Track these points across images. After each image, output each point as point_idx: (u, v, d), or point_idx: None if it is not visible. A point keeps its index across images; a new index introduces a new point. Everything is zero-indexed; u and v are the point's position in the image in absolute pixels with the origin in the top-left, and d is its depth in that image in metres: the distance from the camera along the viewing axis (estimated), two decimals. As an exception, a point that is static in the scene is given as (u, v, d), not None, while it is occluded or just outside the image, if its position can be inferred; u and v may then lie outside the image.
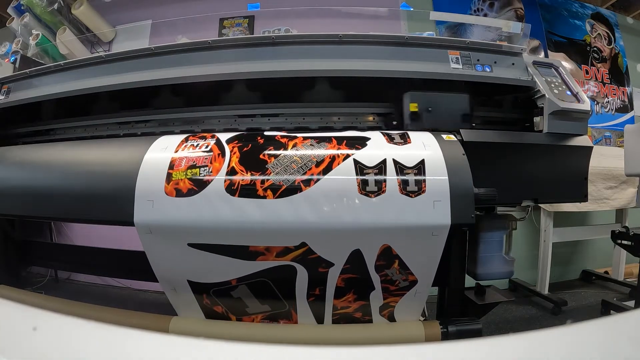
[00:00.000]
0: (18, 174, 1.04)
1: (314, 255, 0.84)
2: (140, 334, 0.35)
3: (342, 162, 0.81)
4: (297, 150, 0.84)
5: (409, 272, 0.88)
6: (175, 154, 0.87)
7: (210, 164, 0.83)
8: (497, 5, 2.80)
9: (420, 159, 0.83)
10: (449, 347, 0.35)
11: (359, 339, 0.96)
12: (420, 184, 0.81)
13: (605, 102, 3.08)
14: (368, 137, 0.90)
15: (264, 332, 0.98)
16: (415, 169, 0.82)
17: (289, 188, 0.79)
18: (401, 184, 0.80)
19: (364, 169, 0.81)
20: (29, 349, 0.34)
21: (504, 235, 1.08)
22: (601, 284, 2.63)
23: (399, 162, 0.82)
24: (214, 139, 0.91)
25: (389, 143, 0.88)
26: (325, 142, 0.86)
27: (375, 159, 0.83)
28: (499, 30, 1.54)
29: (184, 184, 0.81)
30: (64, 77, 1.22)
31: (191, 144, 0.90)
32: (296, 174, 0.79)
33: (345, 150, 0.84)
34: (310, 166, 0.80)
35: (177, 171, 0.82)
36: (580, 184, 1.09)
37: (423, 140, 0.90)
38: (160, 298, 1.45)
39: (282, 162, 0.81)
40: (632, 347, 0.33)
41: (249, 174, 0.80)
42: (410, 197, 0.80)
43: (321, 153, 0.83)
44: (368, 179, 0.80)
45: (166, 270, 0.91)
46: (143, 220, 0.83)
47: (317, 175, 0.80)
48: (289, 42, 1.09)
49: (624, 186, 2.36)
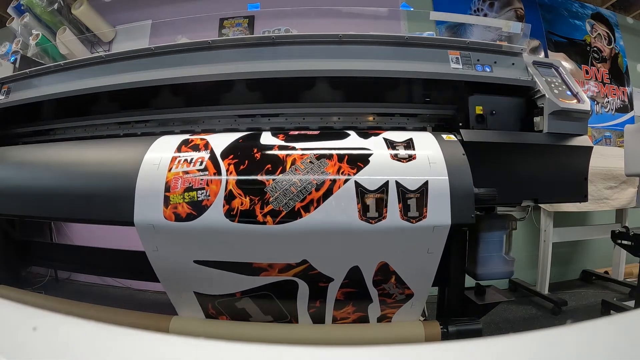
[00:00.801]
0: (18, 174, 1.04)
1: (315, 271, 0.86)
2: (140, 334, 0.35)
3: (343, 186, 0.79)
4: (295, 174, 0.80)
5: (406, 286, 0.91)
6: (170, 172, 0.83)
7: (207, 186, 0.81)
8: (497, 5, 2.80)
9: (423, 181, 0.81)
10: (449, 347, 0.35)
11: (359, 339, 0.96)
12: (422, 209, 0.80)
13: (605, 102, 3.08)
14: (370, 152, 0.85)
15: (264, 332, 0.98)
16: (418, 193, 0.80)
17: (289, 214, 0.78)
18: (402, 209, 0.80)
19: (365, 193, 0.80)
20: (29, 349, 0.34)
21: (504, 235, 1.08)
22: (601, 284, 2.63)
23: (401, 185, 0.80)
24: (208, 152, 0.86)
25: (393, 159, 0.83)
26: (326, 159, 0.82)
27: (378, 181, 0.80)
28: (499, 30, 1.54)
29: (182, 208, 0.80)
30: (64, 77, 1.22)
31: (184, 158, 0.85)
32: (296, 199, 0.78)
33: (346, 175, 0.81)
34: (310, 190, 0.79)
35: (174, 194, 0.81)
36: (580, 184, 1.09)
37: (429, 155, 0.85)
38: (160, 298, 1.45)
39: (280, 185, 0.79)
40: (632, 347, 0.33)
41: (247, 199, 0.79)
42: (410, 222, 0.80)
43: (321, 177, 0.80)
44: (369, 205, 0.79)
45: (174, 283, 0.94)
46: (146, 233, 0.84)
47: (317, 200, 0.79)
48: (289, 42, 1.09)
49: (624, 186, 2.35)
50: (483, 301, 1.10)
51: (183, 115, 1.17)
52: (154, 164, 0.85)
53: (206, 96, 1.19)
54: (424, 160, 0.83)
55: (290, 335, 0.97)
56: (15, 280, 1.50)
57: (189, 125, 1.15)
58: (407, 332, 0.98)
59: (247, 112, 1.13)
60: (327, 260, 0.86)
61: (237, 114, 1.14)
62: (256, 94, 1.19)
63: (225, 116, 1.15)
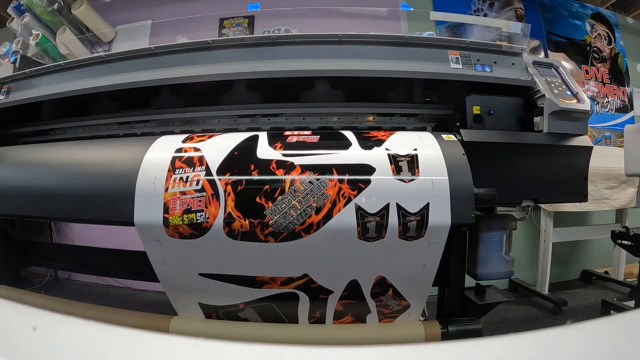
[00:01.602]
0: (18, 174, 1.04)
1: (315, 284, 0.89)
2: (140, 334, 0.35)
3: (343, 209, 0.79)
4: (294, 196, 0.79)
5: (402, 298, 0.94)
6: (167, 192, 0.82)
7: (206, 207, 0.80)
8: (497, 5, 2.80)
9: (425, 203, 0.80)
10: (449, 347, 0.35)
11: (359, 339, 0.96)
12: (421, 229, 0.81)
13: (605, 102, 3.08)
14: (373, 169, 0.82)
15: (264, 332, 0.98)
16: (419, 215, 0.80)
17: (289, 235, 0.80)
18: (402, 230, 0.81)
19: (366, 216, 0.79)
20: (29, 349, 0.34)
21: (504, 235, 1.08)
22: (601, 284, 2.63)
23: (402, 207, 0.80)
24: (204, 169, 0.83)
25: (396, 179, 0.81)
26: (326, 179, 0.80)
27: (378, 204, 0.80)
28: (499, 30, 1.54)
29: (184, 229, 0.81)
30: (64, 77, 1.22)
31: (180, 177, 0.82)
32: (295, 222, 0.79)
33: (346, 198, 0.80)
34: (309, 213, 0.79)
35: (172, 216, 0.81)
36: (580, 184, 1.09)
37: (433, 176, 0.82)
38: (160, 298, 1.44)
39: (280, 207, 0.79)
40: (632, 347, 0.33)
41: (247, 222, 0.80)
42: (408, 241, 0.82)
43: (321, 200, 0.79)
44: (369, 227, 0.80)
45: (179, 294, 0.97)
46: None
47: (316, 224, 0.79)
48: (289, 42, 1.09)
49: (624, 186, 2.35)
50: (483, 301, 1.10)
51: (183, 115, 1.17)
52: (150, 182, 0.83)
53: (206, 96, 1.19)
54: (427, 181, 0.82)
55: (290, 336, 0.97)
56: (15, 280, 1.50)
57: (189, 125, 1.15)
58: (407, 332, 0.98)
59: (247, 112, 1.13)
60: (327, 274, 0.89)
61: (237, 114, 1.14)
62: (256, 94, 1.19)
63: (225, 116, 1.15)
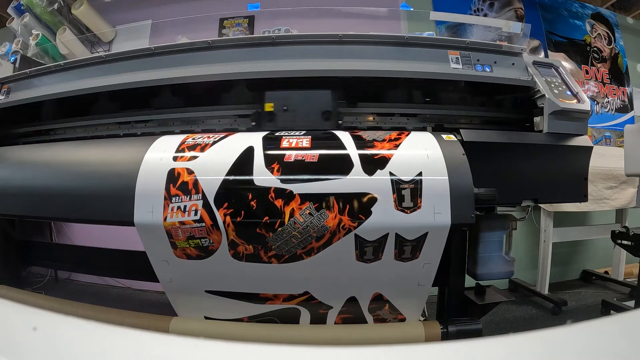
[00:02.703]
0: (18, 174, 1.04)
1: (315, 300, 0.94)
2: (140, 334, 0.35)
3: (342, 238, 0.81)
4: (294, 227, 0.80)
5: (398, 312, 0.98)
6: (166, 221, 0.82)
7: (209, 235, 0.82)
8: (497, 5, 2.80)
9: (424, 232, 0.82)
10: (449, 347, 0.35)
11: (359, 339, 0.96)
12: (416, 252, 0.85)
13: (605, 102, 3.08)
14: (375, 199, 0.80)
15: (264, 332, 0.98)
16: (415, 242, 0.83)
17: (291, 257, 0.84)
18: (397, 253, 0.85)
19: (364, 243, 0.82)
20: (29, 349, 0.34)
21: (504, 235, 1.07)
22: (601, 284, 2.63)
23: (401, 236, 0.82)
24: (200, 197, 0.81)
25: (397, 210, 0.80)
26: (326, 210, 0.79)
27: (378, 233, 0.81)
28: (499, 30, 1.54)
29: (191, 251, 0.86)
30: (64, 77, 1.22)
31: (177, 205, 0.81)
32: (297, 247, 0.82)
33: (346, 229, 0.81)
34: (310, 241, 0.81)
35: (178, 240, 0.84)
36: (580, 184, 1.09)
37: (435, 204, 0.81)
38: (160, 298, 1.44)
39: (281, 236, 0.81)
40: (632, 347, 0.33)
41: (250, 246, 0.84)
42: (403, 262, 0.86)
43: (321, 230, 0.80)
44: (366, 250, 0.83)
45: (186, 309, 1.01)
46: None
47: (317, 249, 0.83)
48: (289, 42, 1.09)
49: (624, 186, 2.35)
50: (483, 301, 1.10)
51: (183, 115, 1.17)
52: (147, 211, 0.83)
53: (206, 96, 1.19)
54: (429, 210, 0.81)
55: (290, 336, 0.97)
56: (15, 280, 1.50)
57: (189, 125, 1.15)
58: (407, 332, 0.98)
59: (247, 112, 1.13)
60: (327, 291, 0.94)
61: (237, 114, 1.14)
62: (256, 94, 1.19)
63: (225, 116, 1.15)
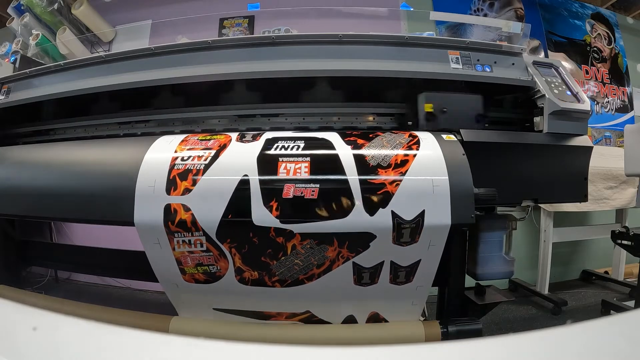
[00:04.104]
0: (18, 174, 1.04)
1: (316, 318, 0.99)
2: (140, 334, 0.35)
3: (341, 265, 0.87)
4: (297, 257, 0.85)
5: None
6: (174, 251, 0.86)
7: (216, 262, 0.88)
8: (497, 5, 2.80)
9: (417, 260, 0.88)
10: (449, 347, 0.35)
11: (359, 339, 0.97)
12: (409, 277, 0.91)
13: (605, 102, 3.08)
14: (374, 236, 0.83)
15: (264, 332, 0.98)
16: (409, 268, 0.89)
17: (294, 282, 0.90)
18: (392, 278, 0.91)
19: (362, 270, 0.88)
20: (29, 349, 0.34)
21: (504, 235, 1.07)
22: (601, 284, 2.63)
23: (396, 263, 0.88)
24: (201, 234, 0.83)
25: (394, 244, 0.84)
26: (326, 245, 0.83)
27: (374, 260, 0.87)
28: (499, 30, 1.54)
29: (199, 276, 0.91)
30: (64, 77, 1.22)
31: (182, 239, 0.84)
32: (299, 273, 0.89)
33: (345, 258, 0.86)
34: (311, 268, 0.88)
35: (187, 267, 0.89)
36: (580, 184, 1.09)
37: (431, 238, 0.83)
38: (161, 298, 1.44)
39: (284, 264, 0.87)
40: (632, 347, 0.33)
41: (256, 272, 0.89)
42: (398, 285, 0.92)
43: (321, 259, 0.86)
44: (363, 276, 0.90)
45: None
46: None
47: (317, 274, 0.89)
48: (289, 42, 1.09)
49: (624, 186, 2.35)
50: (483, 301, 1.10)
51: (183, 115, 1.17)
52: (154, 243, 0.86)
53: (206, 96, 1.19)
54: (425, 243, 0.85)
55: (291, 336, 0.97)
56: (15, 280, 1.50)
57: (189, 125, 1.15)
58: (407, 332, 0.98)
59: (247, 112, 1.13)
60: (327, 310, 0.99)
61: (237, 114, 1.14)
62: (256, 94, 1.19)
63: (225, 116, 1.15)
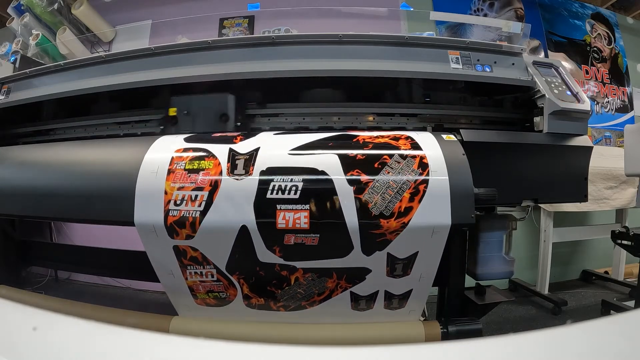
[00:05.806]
0: (18, 174, 1.04)
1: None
2: (140, 334, 0.35)
3: (340, 293, 0.95)
4: (299, 286, 0.93)
5: None
6: (187, 280, 0.93)
7: (226, 290, 0.95)
8: (497, 5, 2.80)
9: (409, 289, 0.95)
10: (449, 347, 0.35)
11: (359, 339, 0.97)
12: (403, 303, 0.98)
13: (605, 102, 3.08)
14: (369, 270, 0.90)
15: (264, 332, 0.98)
16: (402, 295, 0.96)
17: (297, 307, 0.97)
18: (387, 304, 0.97)
19: (358, 297, 0.95)
20: (29, 349, 0.34)
21: (504, 235, 1.07)
22: (601, 284, 2.63)
23: (390, 292, 0.96)
24: (212, 268, 0.90)
25: (388, 276, 0.91)
26: (326, 277, 0.91)
27: (370, 290, 0.94)
28: (499, 30, 1.54)
29: (210, 301, 0.98)
30: (64, 77, 1.22)
31: (194, 271, 0.92)
32: (302, 300, 0.96)
33: (343, 288, 0.94)
34: (313, 296, 0.95)
35: (199, 293, 0.96)
36: (581, 184, 1.09)
37: (422, 272, 0.91)
38: (161, 298, 1.45)
39: (288, 292, 0.94)
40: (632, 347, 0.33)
41: (262, 299, 0.96)
42: (392, 310, 0.99)
43: (322, 289, 0.94)
44: (360, 302, 0.96)
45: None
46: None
47: (318, 301, 0.96)
48: (289, 42, 1.09)
49: (624, 186, 2.36)
50: (483, 301, 1.10)
51: (183, 115, 1.17)
52: (168, 273, 0.93)
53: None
54: (416, 275, 0.91)
55: (290, 335, 0.97)
56: (15, 280, 1.50)
57: (189, 125, 1.15)
58: (407, 332, 0.98)
59: (247, 112, 1.13)
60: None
61: (237, 114, 1.14)
62: (256, 94, 1.19)
63: (225, 116, 1.14)
